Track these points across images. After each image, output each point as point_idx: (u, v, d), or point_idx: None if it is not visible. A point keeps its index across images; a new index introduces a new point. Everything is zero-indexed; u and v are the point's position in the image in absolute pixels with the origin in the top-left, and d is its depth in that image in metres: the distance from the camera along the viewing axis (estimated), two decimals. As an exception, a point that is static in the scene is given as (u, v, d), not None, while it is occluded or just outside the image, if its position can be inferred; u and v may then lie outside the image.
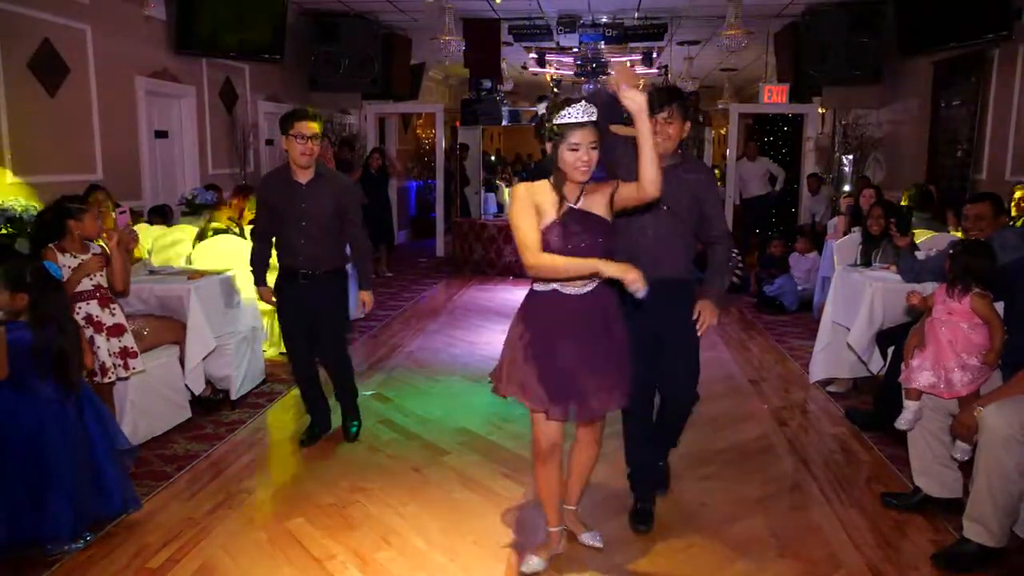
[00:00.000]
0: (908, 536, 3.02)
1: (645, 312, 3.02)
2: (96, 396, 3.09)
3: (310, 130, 3.51)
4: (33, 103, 5.16)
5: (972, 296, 3.04)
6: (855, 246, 5.39)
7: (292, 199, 3.61)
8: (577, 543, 2.91)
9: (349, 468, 3.63)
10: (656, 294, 2.98)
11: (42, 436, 2.77)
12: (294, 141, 3.51)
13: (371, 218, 8.22)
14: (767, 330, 6.51)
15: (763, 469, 3.66)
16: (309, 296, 3.68)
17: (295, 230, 3.62)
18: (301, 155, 3.53)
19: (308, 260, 3.65)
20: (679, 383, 3.07)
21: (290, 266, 3.70)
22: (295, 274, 3.67)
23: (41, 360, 2.79)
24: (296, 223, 3.62)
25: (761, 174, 10.07)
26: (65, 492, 2.77)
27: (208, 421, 4.20)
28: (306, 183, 3.61)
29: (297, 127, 3.50)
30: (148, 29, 6.47)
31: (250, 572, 2.74)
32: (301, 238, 3.62)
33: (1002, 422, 2.64)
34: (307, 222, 3.61)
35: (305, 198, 3.60)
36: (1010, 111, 6.14)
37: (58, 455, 2.78)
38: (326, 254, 3.70)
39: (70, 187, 4.68)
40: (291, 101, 9.31)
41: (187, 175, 7.21)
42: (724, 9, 8.09)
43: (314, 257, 3.66)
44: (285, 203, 3.62)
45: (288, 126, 3.52)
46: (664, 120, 2.91)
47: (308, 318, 3.75)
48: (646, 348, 2.97)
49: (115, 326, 3.53)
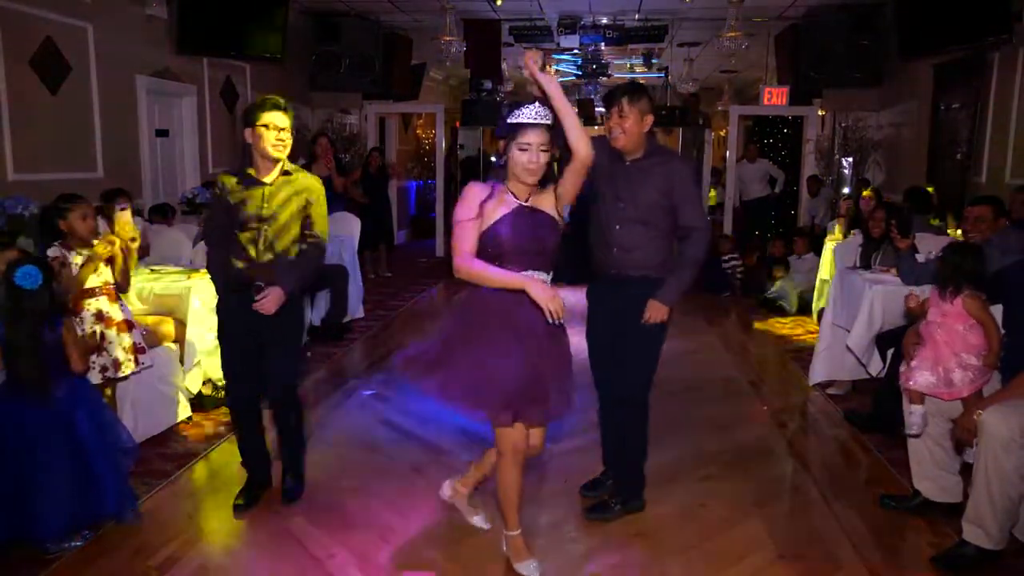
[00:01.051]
0: (907, 538, 3.02)
1: (608, 310, 3.05)
2: (96, 396, 3.09)
3: (283, 120, 3.07)
4: (34, 101, 5.16)
5: (964, 297, 3.05)
6: (855, 248, 5.40)
7: (257, 200, 3.09)
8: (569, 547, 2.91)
9: (349, 467, 3.63)
10: (621, 292, 2.98)
11: (26, 437, 2.75)
12: (264, 132, 3.04)
13: (371, 218, 8.29)
14: (767, 332, 6.51)
15: (762, 471, 3.66)
16: (261, 313, 3.06)
17: (254, 234, 3.09)
18: (273, 147, 3.04)
19: (266, 269, 3.10)
20: (627, 383, 3.07)
21: (244, 276, 3.10)
22: (248, 286, 3.08)
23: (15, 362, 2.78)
24: (257, 227, 3.09)
25: (761, 176, 10.07)
26: (52, 494, 2.75)
27: (208, 419, 4.20)
28: (272, 181, 3.11)
29: (268, 117, 3.04)
30: (150, 28, 6.48)
31: (250, 571, 2.75)
32: (260, 243, 3.09)
33: (1002, 425, 2.65)
34: (270, 225, 3.09)
35: (271, 199, 3.10)
36: (1010, 114, 6.14)
37: (44, 456, 2.75)
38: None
39: (71, 185, 4.65)
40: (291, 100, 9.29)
41: (187, 174, 7.21)
42: (725, 11, 8.09)
43: (273, 266, 3.12)
44: (247, 205, 3.08)
45: (255, 117, 3.06)
46: (617, 115, 2.93)
47: (256, 339, 3.15)
48: (606, 346, 3.02)
49: (125, 322, 3.54)
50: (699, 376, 5.21)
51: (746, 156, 10.27)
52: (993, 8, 6.15)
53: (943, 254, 3.21)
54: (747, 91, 14.60)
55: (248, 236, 3.09)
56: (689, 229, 2.99)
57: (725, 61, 11.05)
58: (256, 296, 3.03)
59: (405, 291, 8.22)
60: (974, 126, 6.66)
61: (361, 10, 8.91)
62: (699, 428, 4.22)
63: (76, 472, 2.82)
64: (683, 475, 3.57)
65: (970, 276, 3.07)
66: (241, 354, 3.17)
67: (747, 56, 9.98)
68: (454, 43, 8.49)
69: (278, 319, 3.08)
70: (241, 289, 3.09)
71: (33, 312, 2.81)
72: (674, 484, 3.47)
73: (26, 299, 2.80)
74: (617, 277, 3.02)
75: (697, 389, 4.91)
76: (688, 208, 2.98)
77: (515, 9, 8.96)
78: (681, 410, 4.51)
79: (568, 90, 14.12)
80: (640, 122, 2.95)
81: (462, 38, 9.09)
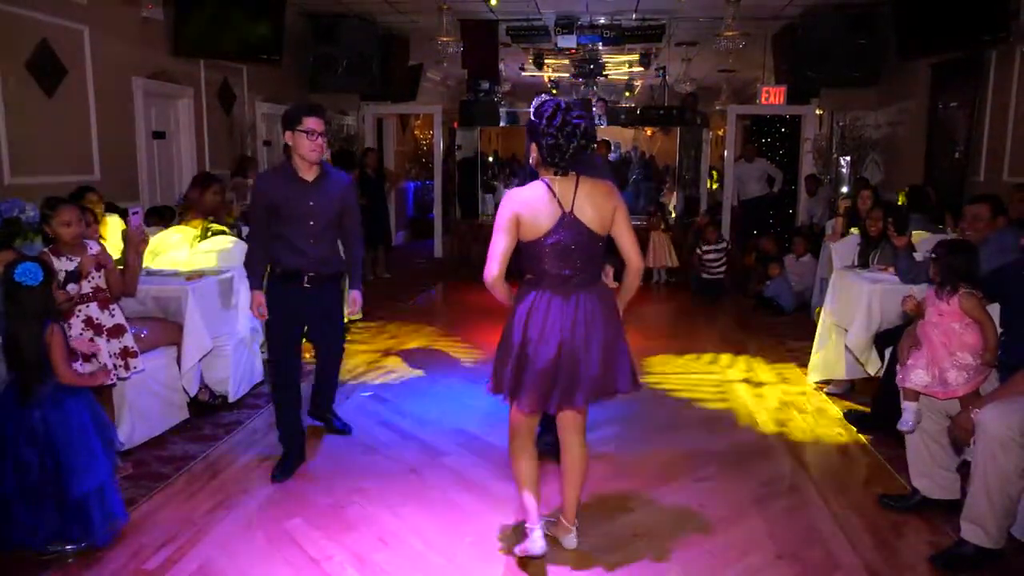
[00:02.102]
0: (905, 538, 3.02)
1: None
2: (80, 401, 2.91)
3: (320, 126, 3.40)
4: (31, 104, 5.15)
5: (961, 296, 3.05)
6: (853, 247, 5.40)
7: (300, 197, 3.46)
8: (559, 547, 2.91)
9: (346, 469, 3.63)
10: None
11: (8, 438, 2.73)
12: (304, 137, 3.38)
13: (368, 219, 8.27)
14: (765, 331, 6.51)
15: (760, 471, 3.66)
16: (311, 300, 3.56)
17: (302, 230, 3.49)
18: (311, 151, 3.39)
19: (315, 262, 3.52)
20: None
21: (295, 268, 3.52)
22: (299, 276, 3.52)
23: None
24: (304, 223, 3.48)
25: (759, 175, 10.06)
26: (28, 501, 2.72)
27: (206, 422, 4.19)
28: (313, 180, 3.49)
29: (308, 122, 3.37)
30: (146, 30, 6.46)
31: (248, 573, 2.74)
32: (309, 238, 3.49)
33: (1000, 424, 2.64)
34: (315, 221, 3.49)
35: (313, 196, 3.47)
36: (1007, 113, 6.15)
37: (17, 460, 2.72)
38: (333, 254, 3.65)
39: (67, 188, 4.67)
40: (289, 102, 9.28)
41: (185, 176, 7.18)
42: (722, 10, 8.09)
43: (322, 258, 3.55)
44: (291, 202, 3.46)
45: (297, 121, 3.38)
46: None
47: (304, 325, 3.65)
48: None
49: (115, 327, 3.53)
50: (696, 376, 5.20)
51: (744, 155, 10.27)
52: (990, 7, 6.15)
53: (935, 253, 3.21)
54: (745, 91, 14.60)
55: (297, 230, 3.48)
56: None
57: (723, 61, 11.05)
58: (305, 284, 3.52)
59: (403, 292, 8.21)
60: (972, 125, 6.66)
61: (359, 11, 8.90)
62: (697, 428, 4.21)
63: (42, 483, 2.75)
64: (681, 475, 3.57)
65: (963, 273, 3.07)
66: (290, 336, 3.62)
67: (745, 56, 9.99)
68: (451, 44, 8.49)
69: (333, 299, 3.69)
70: (292, 279, 3.51)
71: (33, 309, 2.78)
72: (673, 484, 3.47)
73: (25, 295, 2.76)
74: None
75: (694, 389, 4.91)
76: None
77: (512, 9, 8.96)
78: (679, 411, 4.51)
79: (566, 90, 14.13)
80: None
81: (459, 39, 9.09)
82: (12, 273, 2.76)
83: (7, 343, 2.80)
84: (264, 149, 8.74)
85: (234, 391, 4.45)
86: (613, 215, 2.63)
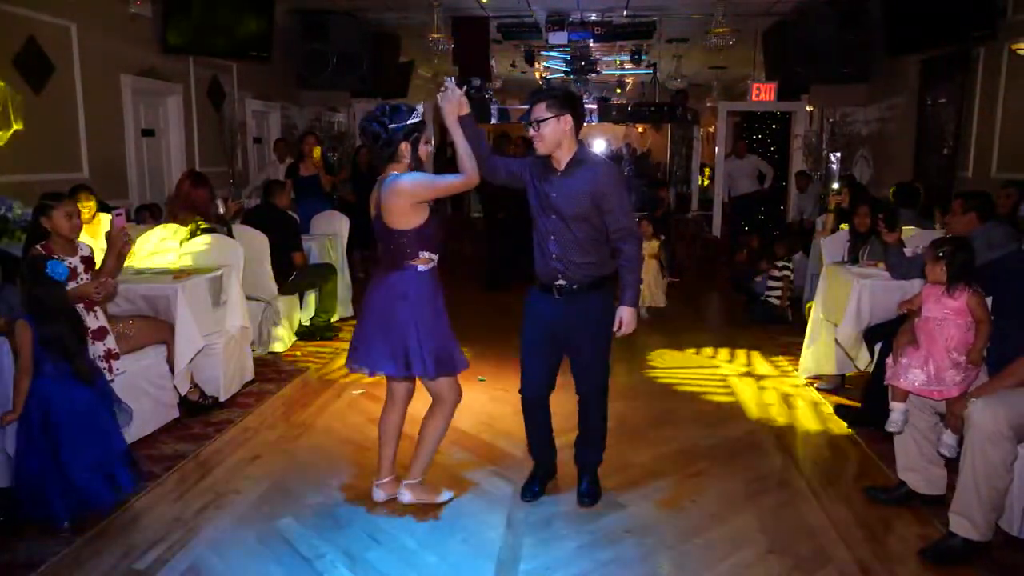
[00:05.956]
0: (895, 531, 3.04)
1: (551, 315, 3.06)
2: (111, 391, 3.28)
3: None
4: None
5: (971, 293, 3.06)
6: (843, 243, 5.42)
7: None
8: (560, 544, 2.91)
9: (338, 467, 3.62)
10: (562, 301, 3.00)
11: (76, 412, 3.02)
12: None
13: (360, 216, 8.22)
14: (755, 326, 6.53)
15: (751, 466, 3.67)
16: None
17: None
18: None
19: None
20: (589, 386, 3.17)
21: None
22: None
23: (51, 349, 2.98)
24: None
25: (750, 172, 10.10)
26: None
27: (196, 421, 4.17)
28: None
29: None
30: (134, 27, 6.42)
31: (239, 572, 2.73)
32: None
33: (988, 418, 2.66)
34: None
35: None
36: (996, 109, 6.18)
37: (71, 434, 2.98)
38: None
39: (55, 186, 4.60)
40: (279, 99, 9.28)
41: (174, 174, 7.15)
42: (712, 7, 8.11)
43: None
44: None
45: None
46: (533, 126, 2.93)
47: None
48: (545, 346, 3.08)
49: (99, 329, 3.53)
50: (688, 372, 5.22)
51: (735, 152, 10.30)
52: (978, 4, 6.18)
53: (943, 253, 3.14)
54: (735, 87, 14.63)
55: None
56: (621, 235, 2.96)
57: (713, 57, 11.07)
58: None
59: (395, 290, 8.16)
60: (960, 121, 6.70)
61: (349, 8, 8.87)
62: (688, 424, 4.22)
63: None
64: (673, 471, 3.58)
65: (973, 271, 3.09)
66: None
67: (735, 52, 10.01)
68: (442, 40, 8.47)
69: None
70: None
71: (64, 305, 3.10)
72: (664, 480, 3.48)
73: (56, 291, 3.06)
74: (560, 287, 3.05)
75: (686, 385, 4.92)
76: (618, 214, 2.95)
77: (503, 6, 8.95)
78: (670, 407, 4.52)
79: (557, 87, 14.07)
80: (558, 128, 2.92)
81: (450, 35, 9.07)
82: (44, 271, 3.06)
83: (53, 339, 3.00)
84: (254, 146, 8.70)
85: (225, 390, 4.43)
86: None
